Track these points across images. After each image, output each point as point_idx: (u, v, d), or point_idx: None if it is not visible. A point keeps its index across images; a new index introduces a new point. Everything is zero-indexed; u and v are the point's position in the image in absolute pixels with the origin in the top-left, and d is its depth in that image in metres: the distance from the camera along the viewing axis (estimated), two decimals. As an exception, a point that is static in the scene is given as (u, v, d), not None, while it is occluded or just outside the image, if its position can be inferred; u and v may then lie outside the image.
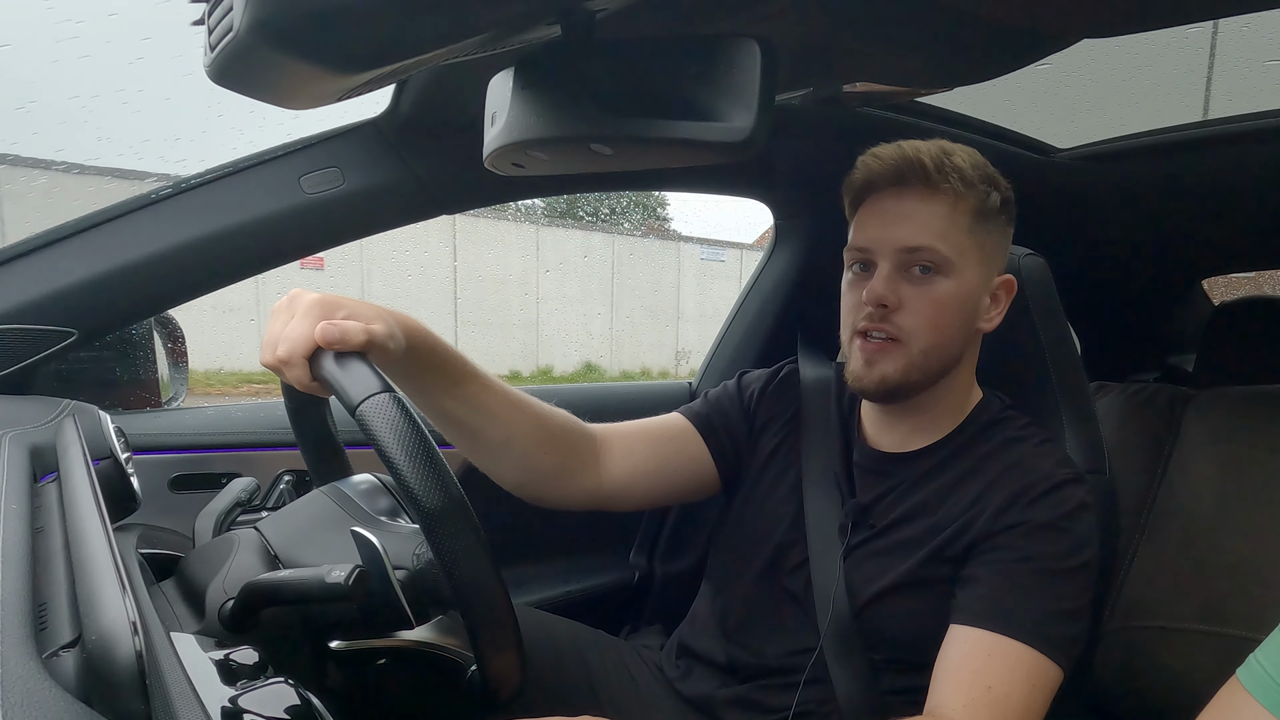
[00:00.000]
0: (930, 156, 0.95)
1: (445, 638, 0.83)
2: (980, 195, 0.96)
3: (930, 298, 0.95)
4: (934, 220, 0.94)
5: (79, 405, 0.94)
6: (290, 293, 0.81)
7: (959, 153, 0.97)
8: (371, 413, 0.69)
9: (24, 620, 0.48)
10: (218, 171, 1.13)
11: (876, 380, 0.97)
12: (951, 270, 0.95)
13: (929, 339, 0.95)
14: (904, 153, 0.96)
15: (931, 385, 0.99)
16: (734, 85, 0.56)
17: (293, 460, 1.24)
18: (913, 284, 0.95)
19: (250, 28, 0.48)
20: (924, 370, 0.97)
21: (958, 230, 0.95)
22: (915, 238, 0.94)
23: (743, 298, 1.73)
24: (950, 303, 0.95)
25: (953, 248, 0.94)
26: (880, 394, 0.99)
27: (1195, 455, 1.41)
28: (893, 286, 0.95)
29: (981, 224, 0.97)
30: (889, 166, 0.96)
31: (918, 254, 0.94)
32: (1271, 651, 0.68)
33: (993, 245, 0.99)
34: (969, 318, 0.98)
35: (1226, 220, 1.66)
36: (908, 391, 0.98)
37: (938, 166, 0.94)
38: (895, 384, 0.97)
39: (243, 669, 0.66)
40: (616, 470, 1.05)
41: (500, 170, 0.70)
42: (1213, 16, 0.98)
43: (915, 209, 0.95)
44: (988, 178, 0.97)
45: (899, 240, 0.95)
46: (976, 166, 0.97)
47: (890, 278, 0.95)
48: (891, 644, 0.97)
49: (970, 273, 0.96)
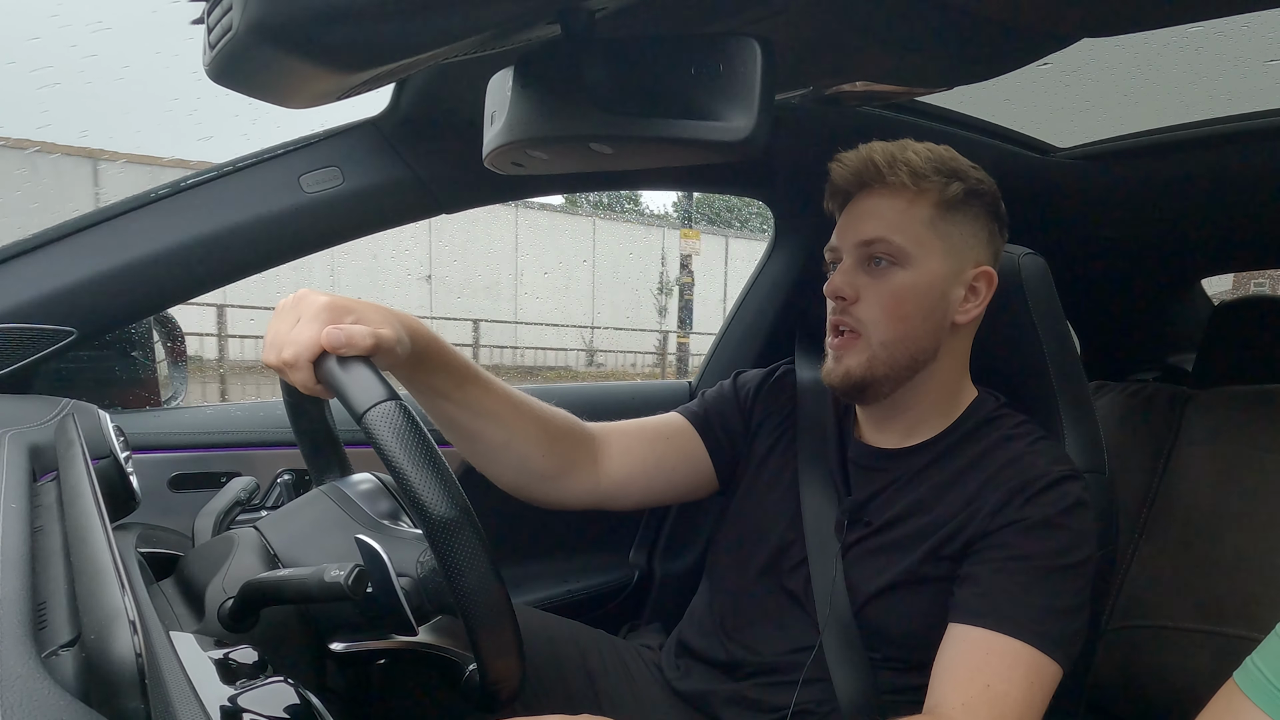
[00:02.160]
0: (882, 154, 0.98)
1: (445, 638, 0.83)
2: (938, 187, 0.97)
3: (888, 289, 0.96)
4: (889, 213, 0.97)
5: (78, 404, 0.94)
6: (297, 292, 0.80)
7: (915, 148, 0.99)
8: (378, 421, 0.69)
9: (23, 619, 0.48)
10: (217, 170, 1.13)
11: (841, 374, 0.98)
12: (909, 261, 0.96)
13: (887, 330, 0.96)
14: (861, 155, 0.99)
15: (906, 380, 0.99)
16: (734, 84, 0.56)
17: (292, 459, 1.24)
18: (871, 276, 0.98)
19: (249, 27, 0.48)
20: (889, 364, 0.97)
21: (915, 222, 0.96)
22: (870, 231, 0.97)
23: (742, 297, 1.73)
24: (907, 293, 0.96)
25: (909, 239, 0.96)
26: (847, 389, 0.99)
27: (1195, 454, 1.41)
28: (850, 279, 0.98)
29: (945, 215, 0.98)
30: (850, 170, 1.00)
31: (873, 246, 0.97)
32: (1269, 655, 0.68)
33: (961, 236, 0.99)
34: (933, 309, 0.98)
35: (1226, 219, 1.66)
36: (877, 387, 0.99)
37: (888, 163, 0.97)
38: (859, 378, 0.97)
39: (242, 668, 0.66)
40: (614, 470, 1.05)
41: (500, 169, 0.70)
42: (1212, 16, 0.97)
43: (874, 205, 0.98)
44: (947, 170, 0.98)
45: (857, 234, 0.98)
46: (933, 160, 0.98)
47: (849, 271, 0.98)
48: (891, 642, 0.97)
49: (932, 264, 0.97)
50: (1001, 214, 1.03)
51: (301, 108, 0.65)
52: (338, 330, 0.75)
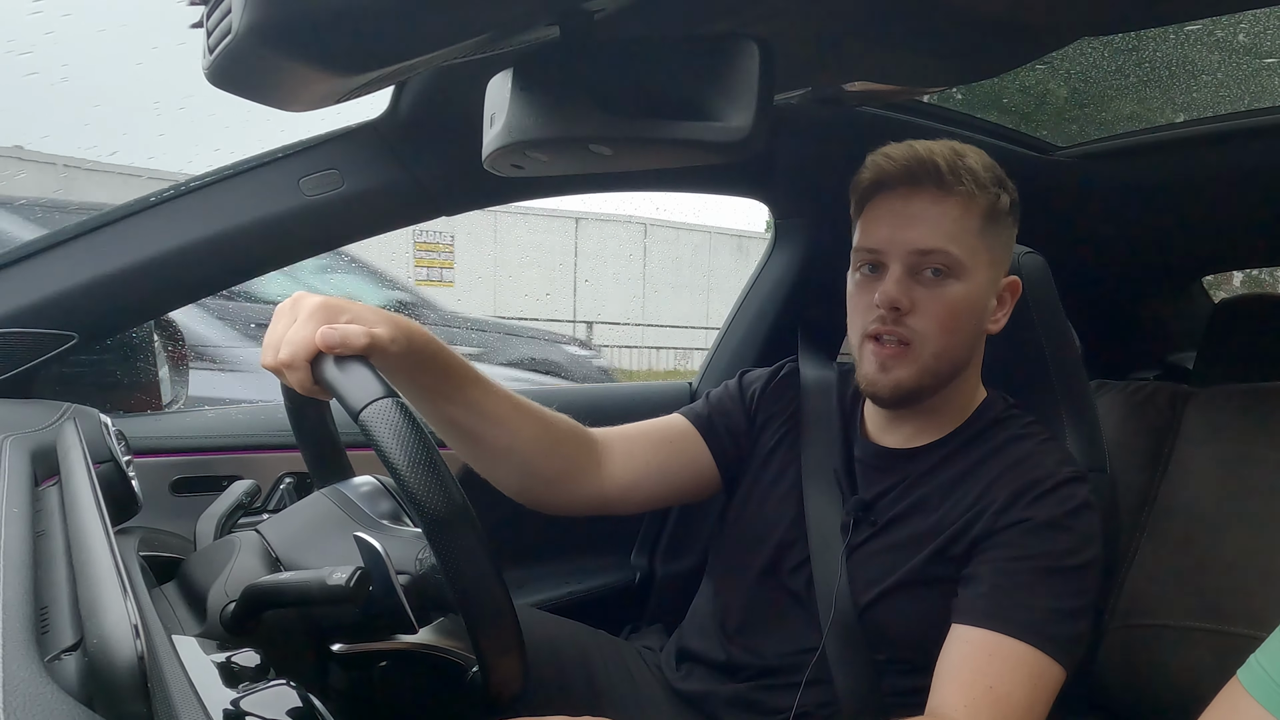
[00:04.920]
0: (944, 158, 0.94)
1: (446, 639, 0.83)
2: (991, 197, 0.96)
3: (942, 301, 0.94)
4: (946, 222, 0.94)
5: (80, 408, 0.94)
6: (294, 295, 0.80)
7: (971, 154, 0.96)
8: (374, 418, 0.69)
9: (26, 624, 0.48)
10: (217, 174, 1.12)
11: (891, 386, 0.96)
12: (963, 273, 0.94)
13: (940, 342, 0.95)
14: (917, 153, 0.95)
15: (943, 388, 0.99)
16: (733, 85, 0.56)
17: (294, 462, 1.24)
18: (925, 286, 0.95)
19: (248, 30, 0.48)
20: (935, 374, 0.97)
21: (969, 233, 0.94)
22: (928, 240, 0.93)
23: (742, 298, 1.73)
24: (962, 306, 0.95)
25: (965, 250, 0.94)
26: (894, 400, 0.98)
27: (1196, 453, 1.41)
28: (905, 289, 0.94)
29: (991, 226, 0.97)
30: (900, 166, 0.95)
31: (930, 256, 0.94)
32: (1272, 652, 0.67)
33: (1001, 247, 0.99)
34: (978, 320, 0.98)
35: (1226, 218, 1.66)
36: (920, 396, 0.98)
37: (951, 168, 0.94)
38: (909, 389, 0.96)
39: (244, 671, 0.66)
40: (618, 474, 1.05)
41: (499, 171, 0.70)
42: (1212, 14, 0.97)
43: (926, 210, 0.94)
44: (999, 179, 0.97)
45: (911, 242, 0.94)
46: (988, 168, 0.97)
47: (902, 280, 0.94)
48: (894, 644, 0.97)
49: (980, 275, 0.96)
50: (1018, 220, 1.03)
51: (301, 110, 0.65)
52: (332, 330, 0.75)
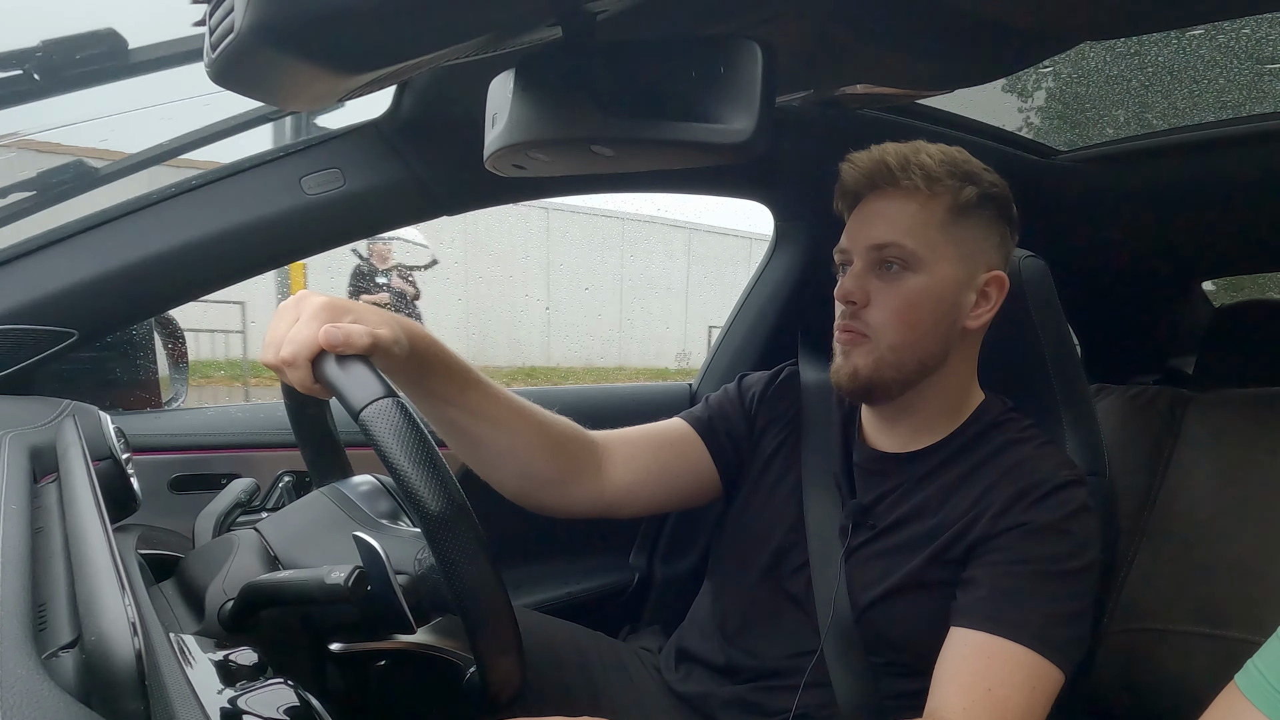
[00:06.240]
0: (895, 156, 0.97)
1: (445, 639, 0.83)
2: (951, 190, 0.96)
3: (899, 293, 0.96)
4: (903, 218, 0.96)
5: (79, 406, 0.94)
6: (298, 293, 0.81)
7: (929, 150, 0.98)
8: (374, 417, 0.69)
9: (23, 621, 0.48)
10: (219, 172, 1.13)
11: (849, 373, 0.98)
12: (921, 266, 0.95)
13: (897, 335, 0.96)
14: (874, 156, 0.98)
15: (915, 384, 0.99)
16: (735, 87, 0.56)
17: (293, 461, 1.24)
18: (882, 280, 0.97)
19: (251, 28, 0.48)
20: (897, 367, 0.97)
21: (928, 226, 0.96)
22: (883, 235, 0.96)
23: (743, 300, 1.73)
24: (919, 298, 0.96)
25: (922, 243, 0.95)
26: (853, 388, 0.99)
27: (1195, 458, 1.41)
28: (861, 284, 0.97)
29: (958, 220, 0.97)
30: (862, 171, 0.99)
31: (885, 250, 0.96)
32: (1270, 658, 0.67)
33: (974, 241, 0.98)
34: (945, 314, 0.97)
35: (1226, 222, 1.66)
36: (885, 389, 0.98)
37: (902, 166, 0.96)
38: (867, 378, 0.97)
39: (242, 670, 0.66)
40: (619, 478, 1.05)
41: (501, 171, 0.70)
42: (1212, 19, 0.98)
43: (884, 208, 0.97)
44: (961, 174, 0.97)
45: (868, 238, 0.97)
46: (946, 162, 0.97)
47: (860, 275, 0.97)
48: (893, 647, 0.97)
49: (944, 269, 0.96)
50: (1013, 217, 1.02)
51: (304, 109, 0.65)
52: (335, 329, 0.75)
